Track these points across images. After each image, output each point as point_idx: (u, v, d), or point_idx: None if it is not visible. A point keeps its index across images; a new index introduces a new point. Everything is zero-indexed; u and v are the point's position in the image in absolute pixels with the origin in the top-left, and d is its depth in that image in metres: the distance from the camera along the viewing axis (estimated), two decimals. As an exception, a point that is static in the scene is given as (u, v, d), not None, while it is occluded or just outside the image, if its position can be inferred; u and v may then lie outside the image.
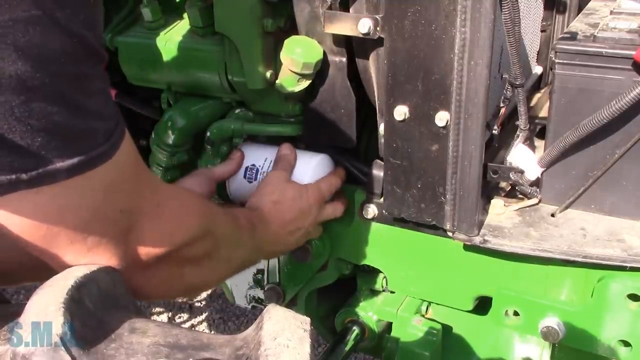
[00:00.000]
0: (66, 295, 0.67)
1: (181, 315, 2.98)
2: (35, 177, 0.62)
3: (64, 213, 0.68)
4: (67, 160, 0.64)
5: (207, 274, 0.94)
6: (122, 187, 0.72)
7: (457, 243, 1.18)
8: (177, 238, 0.82)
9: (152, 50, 1.38)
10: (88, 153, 0.66)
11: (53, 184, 0.64)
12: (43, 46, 0.59)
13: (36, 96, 0.60)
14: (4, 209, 0.64)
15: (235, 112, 1.40)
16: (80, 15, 0.63)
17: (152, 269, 0.80)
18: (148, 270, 0.80)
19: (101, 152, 0.67)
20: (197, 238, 0.86)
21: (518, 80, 1.13)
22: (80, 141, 0.66)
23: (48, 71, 0.60)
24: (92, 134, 0.67)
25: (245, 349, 0.70)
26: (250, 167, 1.31)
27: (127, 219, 0.74)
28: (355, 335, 1.47)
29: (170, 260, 0.82)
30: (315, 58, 1.19)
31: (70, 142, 0.64)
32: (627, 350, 1.12)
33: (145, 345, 0.68)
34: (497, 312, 1.22)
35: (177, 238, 0.82)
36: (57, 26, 0.60)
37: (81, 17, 0.63)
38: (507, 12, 1.02)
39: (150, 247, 0.78)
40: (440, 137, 1.08)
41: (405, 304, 1.46)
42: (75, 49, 0.63)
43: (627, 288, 1.08)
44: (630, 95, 1.00)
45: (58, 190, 0.65)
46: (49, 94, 0.61)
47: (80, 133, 0.65)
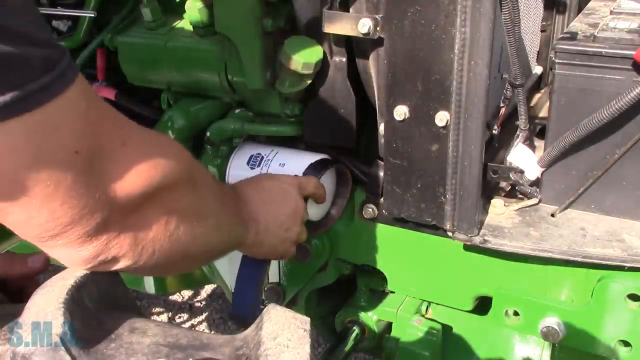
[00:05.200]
0: (66, 295, 0.67)
1: (181, 315, 2.98)
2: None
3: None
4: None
5: (198, 233, 0.82)
6: (75, 127, 0.61)
7: (457, 243, 1.18)
8: (152, 178, 0.70)
9: (152, 50, 1.38)
10: (23, 87, 0.54)
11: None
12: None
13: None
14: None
15: (235, 112, 1.40)
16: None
17: (134, 217, 0.69)
18: (129, 219, 0.69)
19: (44, 85, 0.56)
20: (177, 183, 0.75)
21: (518, 80, 1.13)
22: (10, 71, 0.54)
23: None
24: (24, 62, 0.55)
25: (245, 348, 0.70)
26: (256, 155, 1.31)
27: (87, 160, 0.62)
28: (355, 335, 1.48)
29: (152, 205, 0.71)
30: (315, 58, 1.19)
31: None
32: (627, 350, 1.12)
33: (145, 345, 0.69)
34: (497, 312, 1.22)
35: (151, 178, 0.70)
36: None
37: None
38: (507, 12, 1.02)
39: (123, 188, 0.66)
40: (440, 137, 1.08)
41: (405, 304, 1.46)
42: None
43: (627, 288, 1.08)
44: (630, 95, 1.00)
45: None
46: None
47: (6, 61, 0.53)
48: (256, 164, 1.30)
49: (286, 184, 1.11)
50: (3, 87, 0.53)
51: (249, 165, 1.31)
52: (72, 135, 0.60)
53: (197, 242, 0.82)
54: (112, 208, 0.66)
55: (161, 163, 0.71)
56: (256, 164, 1.30)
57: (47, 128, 0.58)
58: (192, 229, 0.80)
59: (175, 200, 0.75)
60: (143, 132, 0.74)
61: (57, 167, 0.59)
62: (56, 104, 0.58)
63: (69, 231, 0.63)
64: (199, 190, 0.82)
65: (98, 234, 0.66)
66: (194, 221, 0.80)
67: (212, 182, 0.89)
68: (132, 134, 0.70)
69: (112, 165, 0.65)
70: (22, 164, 0.57)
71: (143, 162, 0.69)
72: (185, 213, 0.78)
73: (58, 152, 0.59)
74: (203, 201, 0.83)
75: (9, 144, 0.56)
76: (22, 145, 0.56)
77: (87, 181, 0.62)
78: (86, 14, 1.45)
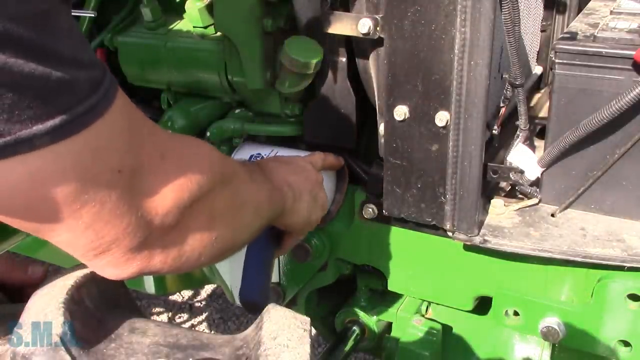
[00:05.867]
0: (66, 295, 0.67)
1: (181, 315, 2.98)
2: (4, 145, 0.52)
3: (47, 185, 0.56)
4: (46, 122, 0.53)
5: (240, 224, 0.83)
6: (119, 145, 0.61)
7: (457, 243, 1.18)
8: (190, 190, 0.70)
9: (152, 50, 1.38)
10: (72, 110, 0.55)
11: (32, 151, 0.53)
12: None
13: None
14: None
15: (235, 112, 1.40)
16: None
17: (177, 230, 0.70)
18: (172, 232, 0.69)
19: (90, 106, 0.57)
20: (214, 187, 0.75)
21: (518, 80, 1.13)
22: (59, 95, 0.54)
23: (3, 14, 0.50)
24: (72, 85, 0.55)
25: (245, 348, 0.70)
26: (256, 155, 1.32)
27: (128, 179, 0.63)
28: (355, 335, 1.48)
29: (192, 215, 0.72)
30: (315, 58, 1.19)
31: (47, 98, 0.53)
32: (627, 350, 1.12)
33: (145, 345, 0.69)
34: (497, 312, 1.22)
35: (189, 190, 0.70)
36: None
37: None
38: (507, 12, 1.02)
39: (164, 204, 0.66)
40: (440, 137, 1.08)
41: (405, 304, 1.46)
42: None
43: (627, 288, 1.08)
44: (630, 95, 1.00)
45: (35, 158, 0.54)
46: (9, 42, 0.50)
47: (57, 86, 0.54)
48: None
49: (300, 161, 1.13)
50: (53, 111, 0.54)
51: None
52: (116, 155, 0.61)
53: (240, 232, 0.84)
54: (153, 225, 0.66)
55: (198, 172, 0.72)
56: None
57: (92, 149, 0.58)
58: (233, 223, 0.81)
59: (213, 204, 0.76)
60: (177, 140, 0.74)
61: (102, 188, 0.60)
62: (100, 124, 0.58)
63: (114, 249, 0.64)
64: (233, 184, 0.82)
65: (141, 250, 0.66)
66: (234, 215, 0.81)
67: (239, 168, 0.89)
68: (168, 145, 0.70)
69: (151, 180, 0.66)
70: (70, 186, 0.58)
71: (180, 174, 0.69)
72: (225, 211, 0.79)
73: (103, 172, 0.60)
74: (238, 192, 0.84)
75: (58, 166, 0.56)
76: (70, 168, 0.57)
77: (130, 199, 0.63)
78: (86, 14, 1.45)
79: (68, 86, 0.55)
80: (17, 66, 0.51)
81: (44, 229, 0.60)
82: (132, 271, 0.67)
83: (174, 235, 0.70)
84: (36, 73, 0.52)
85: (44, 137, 0.53)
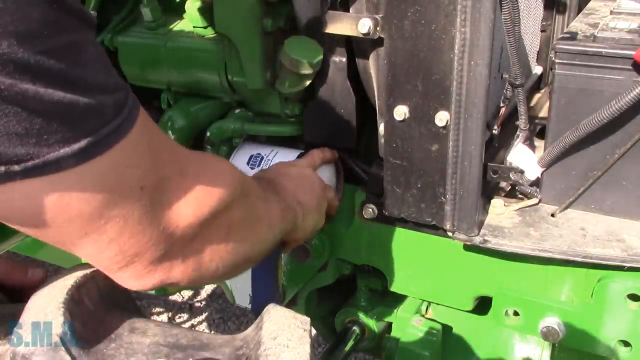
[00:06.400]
0: (66, 295, 0.67)
1: (181, 315, 2.98)
2: (32, 167, 0.55)
3: (73, 203, 0.59)
4: (72, 145, 0.56)
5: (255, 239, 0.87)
6: (141, 163, 0.64)
7: (457, 243, 1.18)
8: (209, 205, 0.73)
9: (152, 50, 1.38)
10: (97, 132, 0.58)
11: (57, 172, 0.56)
12: (22, 19, 0.52)
13: (26, 77, 0.53)
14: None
15: (235, 112, 1.40)
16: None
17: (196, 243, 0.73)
18: (192, 245, 0.72)
19: (115, 127, 0.60)
20: (231, 203, 0.78)
21: (518, 80, 1.13)
22: (86, 120, 0.57)
23: (33, 47, 0.53)
24: (98, 110, 0.59)
25: (245, 348, 0.70)
26: (256, 155, 1.32)
27: (150, 195, 0.65)
28: (355, 335, 1.47)
29: (211, 228, 0.75)
30: (315, 58, 1.19)
31: (75, 122, 0.57)
32: (627, 350, 1.12)
33: (145, 345, 0.69)
34: (497, 312, 1.22)
35: (208, 205, 0.73)
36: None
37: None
38: (507, 12, 1.02)
39: (184, 219, 0.69)
40: (440, 137, 1.08)
41: (405, 304, 1.46)
42: (57, 16, 0.55)
43: (627, 288, 1.08)
44: (630, 95, 1.00)
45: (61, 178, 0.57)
46: (40, 73, 0.54)
47: (84, 111, 0.57)
48: (256, 164, 1.30)
49: (305, 171, 1.16)
50: (80, 135, 0.57)
51: (249, 165, 1.31)
52: (139, 172, 0.64)
53: (255, 247, 0.88)
54: (174, 238, 0.69)
55: (216, 187, 0.75)
56: (256, 164, 1.30)
57: (116, 168, 0.61)
58: (249, 237, 0.85)
59: (231, 218, 0.79)
60: (196, 157, 0.78)
61: (126, 204, 0.63)
62: (124, 144, 0.61)
63: (136, 262, 0.67)
64: (250, 200, 0.86)
65: (163, 262, 0.69)
66: (250, 230, 0.85)
67: (255, 186, 0.93)
68: (187, 161, 0.73)
69: (172, 196, 0.69)
70: (95, 204, 0.60)
71: (200, 189, 0.72)
72: (242, 226, 0.82)
73: (126, 189, 0.63)
74: (254, 208, 0.88)
75: (83, 186, 0.59)
76: (95, 186, 0.60)
77: (152, 214, 0.66)
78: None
79: (94, 111, 0.58)
80: (47, 95, 0.54)
81: (69, 244, 0.63)
82: (154, 282, 0.70)
83: (193, 247, 0.73)
84: (64, 100, 0.55)
85: (70, 159, 0.57)
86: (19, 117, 0.53)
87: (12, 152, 0.54)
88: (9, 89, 0.52)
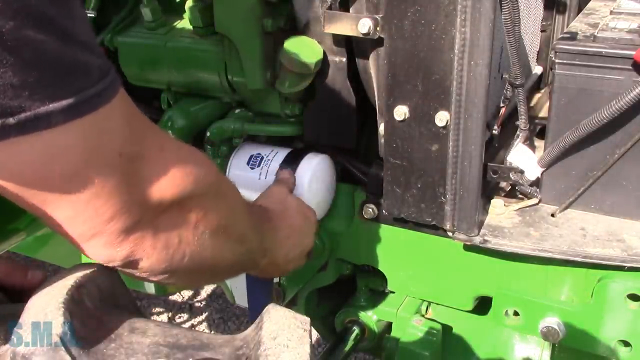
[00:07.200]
0: (66, 295, 0.67)
1: (181, 315, 2.98)
2: (25, 120, 0.54)
3: (56, 160, 0.60)
4: (61, 101, 0.56)
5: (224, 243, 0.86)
6: (120, 131, 0.65)
7: (457, 243, 1.18)
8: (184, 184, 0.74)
9: (152, 50, 1.38)
10: (84, 91, 0.58)
11: (48, 129, 0.56)
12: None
13: (27, 21, 0.52)
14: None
15: (235, 112, 1.40)
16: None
17: (164, 218, 0.73)
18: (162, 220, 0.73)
19: (99, 91, 0.60)
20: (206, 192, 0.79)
21: (518, 80, 1.13)
22: (74, 77, 0.58)
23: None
24: (86, 68, 0.59)
25: (245, 348, 0.70)
26: (256, 154, 1.32)
27: (128, 163, 0.66)
28: (355, 335, 1.47)
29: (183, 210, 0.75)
30: (315, 58, 1.19)
31: (64, 78, 0.57)
32: (627, 350, 1.12)
33: (145, 345, 0.68)
34: (497, 312, 1.22)
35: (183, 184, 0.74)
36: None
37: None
38: (507, 12, 1.02)
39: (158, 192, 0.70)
40: (440, 137, 1.08)
41: (405, 304, 1.46)
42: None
43: (627, 288, 1.08)
44: (630, 95, 1.00)
45: (51, 135, 0.57)
46: (38, 18, 0.53)
47: (73, 67, 0.57)
48: (256, 164, 1.30)
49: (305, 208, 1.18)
50: (69, 92, 0.57)
51: (249, 165, 1.31)
52: (118, 139, 0.65)
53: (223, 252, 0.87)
54: (146, 208, 0.70)
55: (194, 171, 0.76)
56: (256, 164, 1.30)
57: (98, 131, 0.62)
58: (219, 237, 0.84)
59: (203, 207, 0.79)
60: (178, 143, 0.79)
61: (104, 168, 0.64)
62: (107, 109, 0.62)
63: (109, 229, 0.67)
64: (227, 203, 0.87)
65: (133, 232, 0.69)
66: (221, 231, 0.84)
67: (241, 200, 0.94)
68: (169, 143, 0.75)
69: (149, 168, 0.70)
70: (77, 163, 0.61)
71: (177, 168, 0.73)
72: (213, 221, 0.82)
73: (106, 153, 0.64)
74: (231, 214, 0.88)
75: (67, 143, 0.60)
76: (77, 146, 0.60)
77: (127, 182, 0.67)
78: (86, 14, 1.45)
79: (83, 69, 0.59)
80: (44, 44, 0.54)
81: (48, 203, 0.63)
82: (124, 254, 0.70)
83: (164, 221, 0.73)
84: (59, 53, 0.56)
85: (59, 115, 0.57)
86: (16, 68, 0.53)
87: (7, 104, 0.54)
88: (13, 31, 0.52)
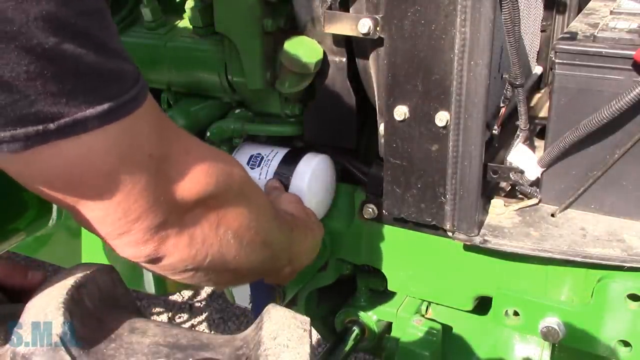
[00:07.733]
0: (66, 295, 0.67)
1: (181, 315, 2.98)
2: (64, 125, 0.59)
3: (92, 162, 0.64)
4: (96, 107, 0.61)
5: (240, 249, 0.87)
6: (150, 134, 0.69)
7: (457, 243, 1.18)
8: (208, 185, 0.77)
9: (152, 50, 1.38)
10: (118, 98, 0.63)
11: (85, 133, 0.60)
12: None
13: (66, 36, 0.57)
14: (30, 164, 0.61)
15: (235, 112, 1.40)
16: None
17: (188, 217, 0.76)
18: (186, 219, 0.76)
19: (132, 97, 0.65)
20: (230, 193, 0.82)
21: (518, 80, 1.13)
22: (110, 84, 0.62)
23: (72, 8, 0.57)
24: (120, 76, 0.64)
25: (245, 348, 0.70)
26: (256, 155, 1.32)
27: (157, 164, 0.70)
28: (355, 335, 1.47)
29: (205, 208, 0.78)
30: (315, 58, 1.19)
31: (100, 86, 0.61)
32: (627, 350, 1.12)
33: (145, 345, 0.69)
34: (497, 312, 1.22)
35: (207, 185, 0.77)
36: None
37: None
38: (507, 12, 1.02)
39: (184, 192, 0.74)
40: (440, 137, 1.08)
41: (405, 304, 1.46)
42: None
43: (627, 288, 1.08)
44: (630, 95, 1.00)
45: (87, 138, 0.61)
46: (76, 32, 0.58)
47: (108, 75, 0.62)
48: (256, 164, 1.30)
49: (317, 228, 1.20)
50: (104, 98, 0.61)
51: (249, 165, 1.31)
52: (149, 141, 0.69)
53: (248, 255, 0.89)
54: (171, 209, 0.73)
55: (218, 173, 0.79)
56: (256, 164, 1.30)
57: (131, 134, 0.66)
58: (242, 240, 0.86)
59: (226, 208, 0.82)
60: (203, 144, 0.82)
61: (136, 168, 0.68)
62: (139, 113, 0.66)
63: (136, 228, 0.70)
64: (250, 205, 0.88)
65: (159, 231, 0.72)
66: (245, 233, 0.86)
67: (267, 204, 0.96)
68: (194, 145, 0.79)
69: (175, 168, 0.73)
70: (110, 165, 0.65)
71: (202, 170, 0.76)
72: (235, 222, 0.84)
73: (138, 155, 0.68)
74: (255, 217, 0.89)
75: (103, 146, 0.64)
76: (112, 149, 0.64)
77: (156, 182, 0.70)
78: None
79: (117, 77, 0.63)
80: (81, 56, 0.58)
81: (82, 202, 0.67)
82: (148, 252, 0.73)
83: (187, 220, 0.76)
84: (94, 63, 0.60)
85: (94, 120, 0.61)
86: (56, 77, 0.57)
87: (48, 111, 0.57)
88: (54, 48, 0.56)
